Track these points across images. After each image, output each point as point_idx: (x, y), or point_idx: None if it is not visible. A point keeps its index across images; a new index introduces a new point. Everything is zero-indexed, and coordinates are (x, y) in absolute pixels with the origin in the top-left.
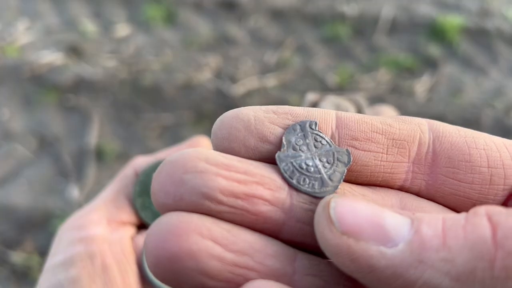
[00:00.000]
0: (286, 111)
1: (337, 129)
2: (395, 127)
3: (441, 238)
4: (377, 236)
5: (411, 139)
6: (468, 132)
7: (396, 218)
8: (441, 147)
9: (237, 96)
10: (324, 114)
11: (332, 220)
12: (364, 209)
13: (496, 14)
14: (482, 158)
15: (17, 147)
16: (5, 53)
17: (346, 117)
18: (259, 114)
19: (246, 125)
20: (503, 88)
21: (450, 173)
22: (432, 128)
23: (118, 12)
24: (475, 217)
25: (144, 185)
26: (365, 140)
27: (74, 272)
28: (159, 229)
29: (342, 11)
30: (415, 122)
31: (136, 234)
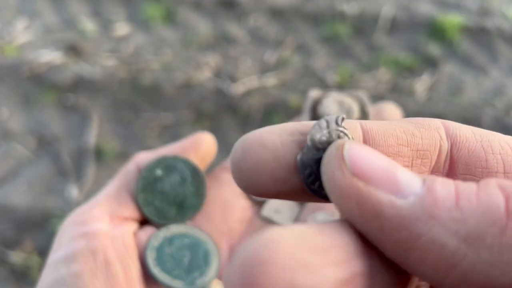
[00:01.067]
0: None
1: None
2: (418, 137)
3: (453, 199)
4: (388, 185)
5: (433, 148)
6: (483, 134)
7: (409, 174)
8: (458, 154)
9: (236, 95)
10: (352, 127)
11: (345, 160)
12: (378, 158)
13: (496, 13)
14: (499, 163)
15: (16, 146)
16: (4, 52)
17: (372, 130)
18: (286, 139)
19: (274, 155)
20: (504, 88)
21: (466, 180)
22: (449, 133)
23: (118, 11)
24: (487, 186)
25: (147, 181)
26: (393, 156)
27: (76, 268)
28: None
29: (342, 10)
30: (434, 127)
31: (139, 229)
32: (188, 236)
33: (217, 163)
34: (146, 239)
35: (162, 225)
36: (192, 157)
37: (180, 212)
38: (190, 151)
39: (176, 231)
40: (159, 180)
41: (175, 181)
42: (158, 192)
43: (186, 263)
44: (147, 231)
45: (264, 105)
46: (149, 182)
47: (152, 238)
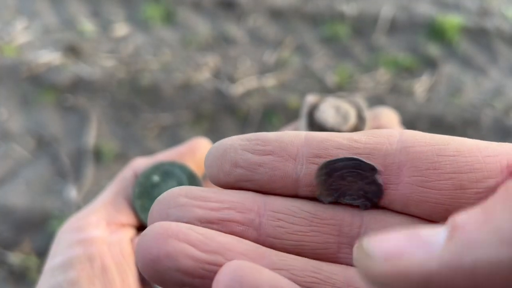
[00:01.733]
0: (258, 137)
1: (302, 149)
2: (360, 142)
3: (481, 215)
4: (417, 246)
5: (376, 152)
6: (441, 140)
7: (431, 228)
8: (407, 157)
9: (236, 96)
10: (293, 136)
11: (370, 253)
12: (398, 233)
13: (496, 14)
14: (451, 164)
15: (15, 147)
16: (3, 53)
17: (313, 137)
18: (235, 143)
19: (222, 154)
20: (503, 88)
21: (418, 181)
22: (402, 139)
23: (117, 11)
24: (503, 188)
25: (144, 187)
26: (326, 157)
27: (73, 274)
28: (145, 236)
29: (341, 10)
30: (385, 134)
31: (136, 236)
32: None
33: None
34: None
35: None
36: (189, 163)
37: None
38: (187, 156)
39: None
40: (156, 186)
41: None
42: (155, 198)
43: None
44: None
45: (263, 105)
46: (146, 188)
47: None
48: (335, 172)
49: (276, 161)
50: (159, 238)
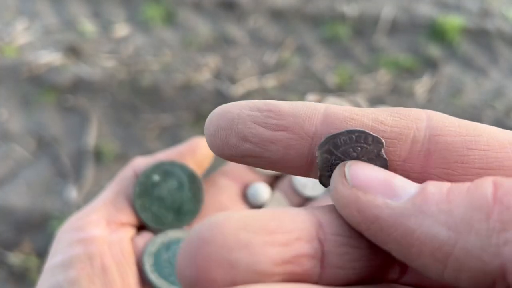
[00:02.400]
0: (270, 108)
1: (321, 127)
2: (387, 125)
3: (444, 194)
4: (384, 191)
5: (403, 137)
6: (471, 128)
7: (405, 180)
8: (436, 147)
9: (236, 97)
10: (310, 110)
11: (346, 175)
12: (377, 171)
13: (497, 15)
14: (480, 159)
15: (15, 147)
16: (3, 53)
17: (334, 114)
18: (243, 112)
19: (229, 125)
20: (504, 89)
21: (443, 174)
22: (430, 125)
23: (117, 12)
24: (481, 180)
25: (144, 186)
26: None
27: (73, 273)
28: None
29: (342, 11)
30: (412, 116)
31: (136, 235)
32: None
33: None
34: (143, 245)
35: (160, 230)
36: (189, 162)
37: (178, 217)
38: (187, 156)
39: (173, 236)
40: (156, 185)
41: (172, 187)
42: (155, 198)
43: None
44: (145, 236)
45: None
46: (146, 187)
47: (149, 244)
48: (337, 148)
49: (290, 138)
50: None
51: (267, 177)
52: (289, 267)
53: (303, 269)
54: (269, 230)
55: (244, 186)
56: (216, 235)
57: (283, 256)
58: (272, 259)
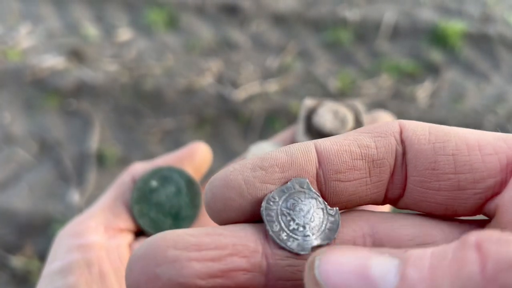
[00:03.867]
0: (272, 164)
1: (320, 167)
2: (372, 147)
3: (428, 280)
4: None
5: (390, 155)
6: (441, 134)
7: (383, 264)
8: (409, 157)
9: (238, 101)
10: (306, 154)
11: (318, 281)
12: (349, 262)
13: (498, 20)
14: (449, 164)
15: (18, 151)
16: (7, 57)
17: (326, 150)
18: (247, 175)
19: (239, 193)
20: (505, 94)
21: (417, 182)
22: (405, 136)
23: (120, 16)
24: (463, 250)
25: (142, 192)
26: (348, 171)
27: (71, 280)
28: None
29: (344, 16)
30: (390, 132)
31: (134, 241)
32: None
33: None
34: None
35: None
36: (187, 168)
37: (176, 223)
38: (185, 161)
39: None
40: (154, 191)
41: (170, 192)
42: (153, 203)
43: None
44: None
45: (266, 111)
46: (144, 193)
47: None
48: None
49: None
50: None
51: None
52: (218, 281)
53: (236, 282)
54: (199, 246)
55: None
56: (148, 252)
57: (209, 270)
58: (197, 273)
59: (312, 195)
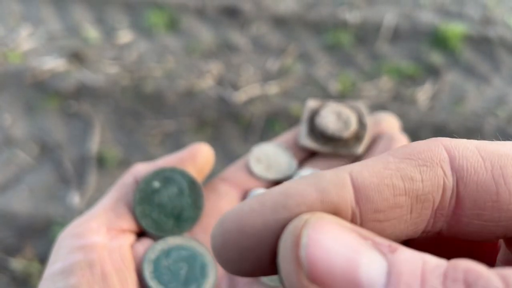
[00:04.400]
0: (299, 203)
1: (357, 205)
2: (418, 180)
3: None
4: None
5: (436, 188)
6: (493, 159)
7: (371, 265)
8: (465, 190)
9: (239, 103)
10: (340, 190)
11: (302, 263)
12: (339, 253)
13: (499, 22)
14: (510, 193)
15: (18, 153)
16: (8, 59)
17: (364, 185)
18: (268, 220)
19: (257, 242)
20: (506, 97)
21: (475, 215)
22: (454, 166)
23: (121, 18)
24: (452, 274)
25: (144, 192)
26: (389, 209)
27: (73, 281)
28: None
29: (344, 18)
30: (437, 161)
31: (136, 242)
32: (185, 248)
33: (217, 172)
34: (143, 252)
35: (160, 237)
36: (189, 169)
37: (178, 224)
38: (187, 162)
39: (173, 243)
40: (157, 192)
41: (172, 193)
42: (155, 204)
43: (183, 275)
44: (145, 243)
45: (266, 113)
46: (146, 194)
47: (149, 251)
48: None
49: None
50: None
51: (267, 183)
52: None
53: None
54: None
55: (244, 192)
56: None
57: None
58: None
59: None
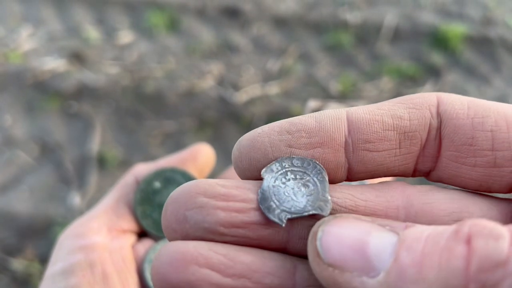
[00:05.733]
0: (300, 129)
1: (350, 135)
2: (405, 119)
3: (418, 266)
4: (360, 266)
5: (422, 127)
6: (480, 109)
7: (380, 241)
8: (445, 131)
9: (239, 104)
10: (335, 121)
11: (319, 252)
12: (350, 235)
13: (499, 23)
14: (487, 140)
15: (19, 153)
16: (8, 59)
17: (357, 119)
18: (274, 139)
19: (264, 154)
20: (506, 97)
21: (453, 156)
22: (442, 110)
23: (121, 19)
24: (454, 241)
25: (145, 193)
26: (378, 141)
27: (74, 281)
28: (161, 262)
29: (345, 19)
30: (426, 105)
31: (137, 242)
32: None
33: (219, 171)
34: (144, 252)
35: (160, 237)
36: (190, 169)
37: None
38: (188, 162)
39: None
40: (158, 192)
41: None
42: (156, 205)
43: None
44: (145, 243)
45: (267, 113)
46: (147, 194)
47: (150, 251)
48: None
49: (326, 153)
50: (177, 264)
51: None
52: (240, 231)
53: (258, 235)
54: (227, 197)
55: None
56: (181, 196)
57: (232, 220)
58: (220, 221)
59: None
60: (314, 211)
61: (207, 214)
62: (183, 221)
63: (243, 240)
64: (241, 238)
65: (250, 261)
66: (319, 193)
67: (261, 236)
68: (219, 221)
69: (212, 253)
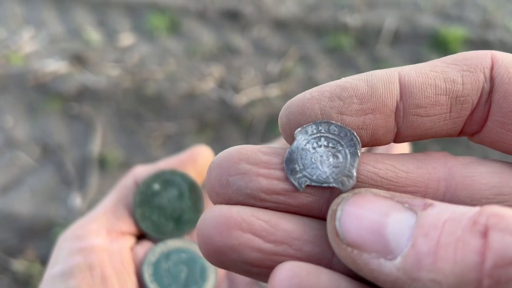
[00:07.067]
0: (351, 94)
1: (401, 100)
2: (459, 83)
3: (434, 256)
4: (378, 248)
5: (475, 92)
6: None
7: (399, 225)
8: (495, 96)
9: (240, 106)
10: (388, 85)
11: (338, 232)
12: (369, 216)
13: (499, 26)
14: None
15: (20, 155)
16: (10, 61)
17: (409, 83)
18: (324, 105)
19: (313, 120)
20: None
21: (499, 122)
22: (497, 73)
23: (122, 21)
24: (471, 233)
25: (144, 195)
26: (430, 106)
27: (73, 283)
28: (206, 225)
29: (345, 21)
30: (480, 67)
31: (136, 244)
32: (185, 251)
33: None
34: (143, 254)
35: (160, 239)
36: (190, 171)
37: (178, 226)
38: (187, 164)
39: (173, 246)
40: (157, 194)
41: (172, 196)
42: (155, 207)
43: (183, 278)
44: (145, 246)
45: (267, 115)
46: (146, 196)
47: (149, 253)
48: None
49: (377, 119)
50: (221, 228)
51: None
52: (281, 198)
53: (298, 202)
54: (269, 165)
55: None
56: (225, 162)
57: (274, 187)
58: (262, 188)
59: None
60: (335, 185)
61: (250, 181)
62: (226, 186)
63: (284, 207)
64: (282, 204)
65: (291, 228)
66: (345, 167)
67: (302, 203)
68: (260, 187)
69: (255, 219)
